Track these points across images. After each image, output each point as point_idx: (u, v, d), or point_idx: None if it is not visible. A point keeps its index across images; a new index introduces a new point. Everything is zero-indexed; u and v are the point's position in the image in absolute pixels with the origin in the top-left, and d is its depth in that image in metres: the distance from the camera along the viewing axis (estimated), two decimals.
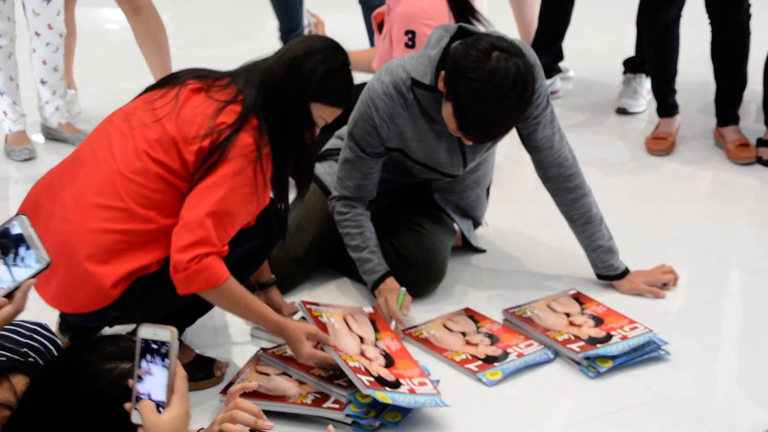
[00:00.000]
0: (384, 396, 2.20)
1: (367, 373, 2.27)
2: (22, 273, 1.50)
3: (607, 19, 5.42)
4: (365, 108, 2.64)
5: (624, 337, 2.54)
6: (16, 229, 1.51)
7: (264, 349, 2.47)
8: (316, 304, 2.49)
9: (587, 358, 2.47)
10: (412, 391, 2.26)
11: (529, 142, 2.75)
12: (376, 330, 2.50)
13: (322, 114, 2.34)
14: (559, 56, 4.42)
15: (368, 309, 2.58)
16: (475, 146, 2.72)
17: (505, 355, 2.52)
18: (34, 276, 1.50)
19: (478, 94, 2.37)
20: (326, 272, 2.94)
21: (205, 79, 2.34)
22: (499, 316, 2.70)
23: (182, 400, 1.47)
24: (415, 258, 2.79)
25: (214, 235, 2.19)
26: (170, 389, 1.47)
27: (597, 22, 5.29)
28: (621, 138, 4.05)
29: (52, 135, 4.00)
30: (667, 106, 3.91)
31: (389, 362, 2.36)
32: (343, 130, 3.05)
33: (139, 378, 1.47)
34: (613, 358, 2.48)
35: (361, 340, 2.42)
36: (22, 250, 1.51)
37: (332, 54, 2.33)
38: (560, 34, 4.34)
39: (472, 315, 2.71)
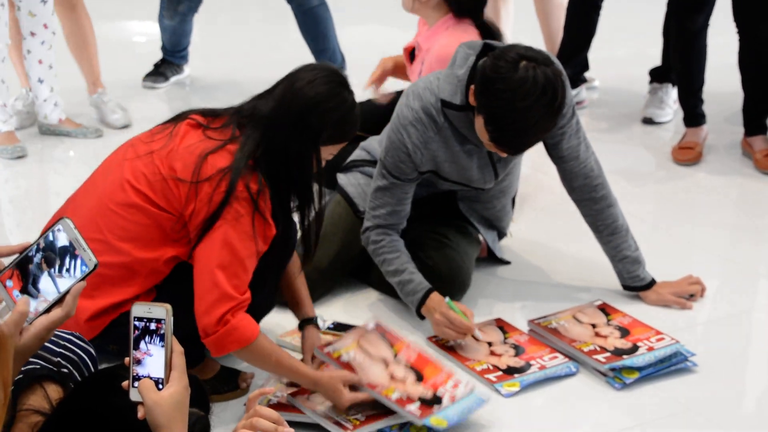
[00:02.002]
0: (439, 420, 2.22)
1: (410, 400, 2.26)
2: (66, 283, 1.50)
3: (633, 28, 5.39)
4: (397, 135, 2.63)
5: (650, 348, 2.52)
6: (61, 240, 1.51)
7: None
8: (330, 344, 2.43)
9: (613, 370, 2.45)
10: (452, 399, 2.28)
11: (554, 152, 2.74)
12: (389, 344, 2.47)
13: (332, 152, 2.34)
14: (585, 66, 4.40)
15: (371, 324, 2.49)
16: (506, 158, 2.71)
17: (527, 366, 2.50)
18: (83, 279, 1.50)
19: (508, 103, 2.37)
20: (351, 283, 2.94)
21: (206, 115, 2.31)
22: (525, 326, 2.69)
23: (181, 375, 1.48)
24: (440, 269, 2.79)
25: (230, 286, 2.18)
26: (168, 366, 1.47)
27: (622, 32, 5.27)
28: (647, 148, 4.03)
29: (52, 131, 4.09)
30: (694, 115, 3.88)
31: (418, 376, 2.36)
32: (369, 142, 3.06)
33: (137, 359, 1.48)
34: (639, 369, 2.46)
35: (384, 362, 2.40)
36: (67, 261, 1.51)
37: (340, 98, 2.26)
38: (586, 44, 4.32)
39: (502, 325, 2.70)
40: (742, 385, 2.50)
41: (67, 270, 1.49)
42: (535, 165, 3.75)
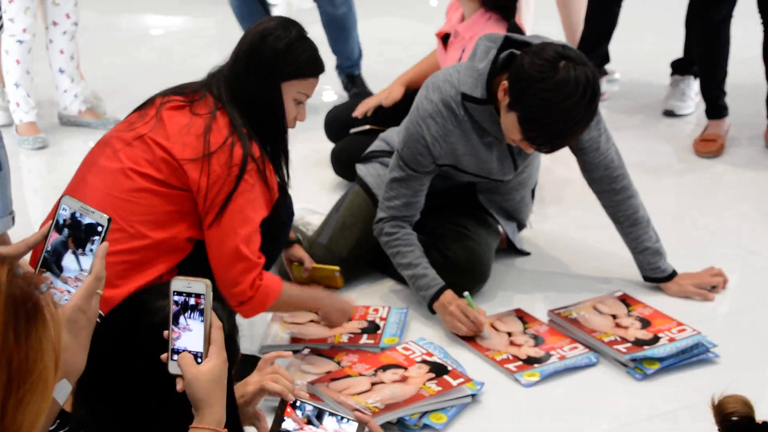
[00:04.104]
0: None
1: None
2: (89, 261, 1.50)
3: (654, 20, 5.36)
4: (415, 128, 2.62)
5: (672, 339, 2.50)
6: (87, 220, 1.50)
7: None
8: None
9: (634, 360, 2.44)
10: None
11: (575, 143, 2.73)
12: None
13: (300, 89, 2.33)
14: (606, 58, 4.38)
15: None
16: (526, 152, 2.70)
17: (547, 356, 2.49)
18: (103, 239, 1.49)
19: (548, 104, 2.36)
20: (369, 273, 2.94)
21: (181, 94, 2.34)
22: (545, 317, 2.67)
23: (219, 350, 1.48)
24: (460, 260, 2.78)
25: (251, 254, 2.28)
26: (207, 340, 1.48)
27: (644, 24, 5.24)
28: (668, 140, 4.00)
29: (72, 122, 4.12)
30: (716, 107, 3.85)
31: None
32: (388, 133, 3.05)
33: (176, 333, 1.48)
34: (660, 360, 2.44)
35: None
36: (91, 242, 1.50)
37: (285, 29, 2.32)
38: (607, 36, 4.29)
39: (521, 316, 2.69)
40: (764, 376, 2.48)
41: (91, 251, 1.49)
42: (554, 156, 3.71)
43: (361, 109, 3.51)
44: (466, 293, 2.59)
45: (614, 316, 2.64)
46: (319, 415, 1.73)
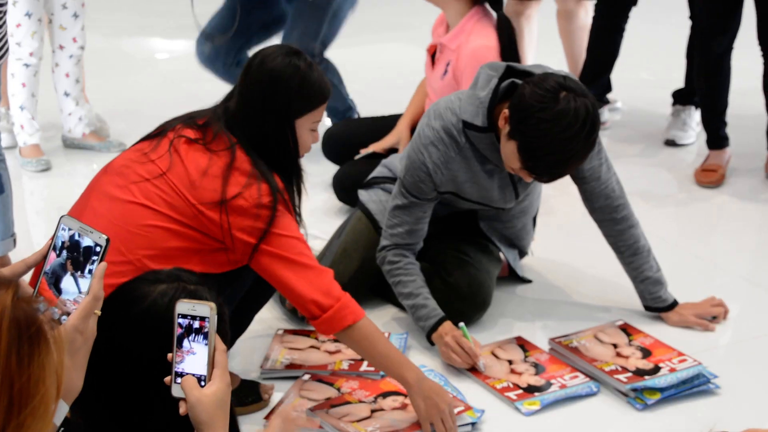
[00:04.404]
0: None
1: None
2: (87, 283, 1.49)
3: (656, 50, 5.39)
4: (417, 155, 2.63)
5: (672, 369, 2.50)
6: (86, 241, 1.51)
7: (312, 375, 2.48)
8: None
9: (635, 390, 2.44)
10: None
11: (576, 172, 2.74)
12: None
13: (314, 119, 2.32)
14: (607, 87, 4.40)
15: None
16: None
17: (548, 385, 2.49)
18: (102, 259, 1.49)
19: (548, 134, 2.37)
20: (371, 299, 2.94)
21: (193, 126, 2.29)
22: (546, 345, 2.67)
23: (223, 373, 1.48)
24: (461, 287, 2.78)
25: (321, 270, 2.25)
26: (211, 364, 1.48)
27: (645, 54, 5.27)
28: (669, 170, 4.02)
29: (76, 144, 4.14)
30: (717, 138, 3.87)
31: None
32: (390, 159, 3.06)
33: (180, 356, 1.48)
34: (661, 390, 2.44)
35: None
36: (90, 263, 1.50)
37: (292, 67, 2.27)
38: (608, 65, 4.32)
39: (522, 344, 2.69)
40: (765, 407, 2.47)
41: (90, 272, 1.49)
42: (555, 184, 3.72)
43: (372, 148, 3.51)
44: (461, 324, 2.59)
45: (615, 346, 2.64)
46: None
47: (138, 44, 5.85)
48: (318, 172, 3.67)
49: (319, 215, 3.49)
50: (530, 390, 2.47)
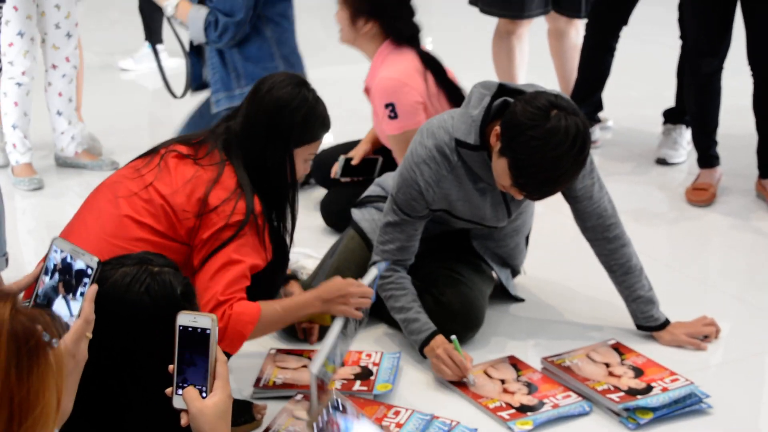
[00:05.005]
0: None
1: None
2: (78, 306, 1.50)
3: (646, 69, 5.42)
4: (409, 173, 2.64)
5: (665, 389, 2.50)
6: (78, 264, 1.51)
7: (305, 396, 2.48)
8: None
9: (627, 410, 2.44)
10: None
11: (568, 191, 2.75)
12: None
13: (312, 151, 2.39)
14: (599, 106, 4.42)
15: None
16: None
17: (540, 405, 2.49)
18: (93, 281, 1.50)
19: (538, 152, 2.38)
20: None
21: (187, 143, 2.37)
22: (538, 365, 2.68)
23: (224, 384, 1.49)
24: (453, 306, 2.78)
25: (223, 295, 2.26)
26: (212, 375, 1.49)
27: (636, 73, 5.30)
28: (661, 188, 4.03)
29: (69, 163, 4.14)
30: (708, 157, 3.89)
31: None
32: (383, 178, 3.07)
33: (181, 367, 1.49)
34: (653, 410, 2.44)
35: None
36: (81, 285, 1.51)
37: (300, 97, 2.35)
38: (599, 84, 4.35)
39: (515, 363, 2.69)
40: (756, 427, 2.48)
41: (81, 294, 1.49)
42: (548, 203, 3.74)
43: (334, 168, 3.54)
44: (453, 337, 2.60)
45: (607, 365, 2.64)
46: None
47: (131, 63, 5.84)
48: (313, 193, 3.67)
49: (312, 233, 3.50)
50: (523, 409, 2.47)
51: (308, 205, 3.69)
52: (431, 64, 3.24)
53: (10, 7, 3.74)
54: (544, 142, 2.37)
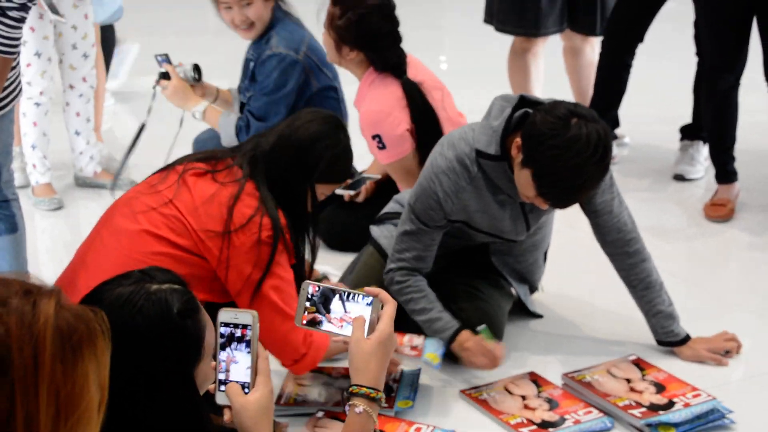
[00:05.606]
0: None
1: None
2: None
3: (663, 86, 5.42)
4: (428, 183, 2.65)
5: (687, 405, 2.49)
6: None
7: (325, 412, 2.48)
8: None
9: (649, 425, 2.43)
10: None
11: (588, 206, 2.75)
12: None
13: (324, 191, 2.44)
14: (615, 123, 4.42)
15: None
16: (538, 210, 2.72)
17: (562, 421, 2.48)
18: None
19: (559, 160, 2.38)
20: None
21: (206, 159, 2.39)
22: (559, 380, 2.67)
23: (266, 380, 1.51)
24: (472, 321, 2.77)
25: (297, 339, 2.36)
26: (254, 371, 1.51)
27: (652, 90, 5.30)
28: (679, 204, 4.02)
29: (88, 183, 4.16)
30: (725, 172, 3.88)
31: None
32: (402, 195, 3.08)
33: (223, 364, 1.51)
34: (676, 425, 2.43)
35: None
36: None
37: (336, 137, 2.41)
38: (616, 101, 4.34)
39: (536, 379, 2.68)
40: None
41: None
42: (565, 219, 3.75)
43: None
44: (482, 326, 2.61)
45: (628, 380, 2.63)
46: (326, 301, 1.65)
47: (148, 81, 5.88)
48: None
49: (332, 250, 3.50)
50: (544, 425, 2.46)
51: None
52: (413, 94, 3.22)
53: (27, 27, 3.77)
54: (565, 150, 2.38)
